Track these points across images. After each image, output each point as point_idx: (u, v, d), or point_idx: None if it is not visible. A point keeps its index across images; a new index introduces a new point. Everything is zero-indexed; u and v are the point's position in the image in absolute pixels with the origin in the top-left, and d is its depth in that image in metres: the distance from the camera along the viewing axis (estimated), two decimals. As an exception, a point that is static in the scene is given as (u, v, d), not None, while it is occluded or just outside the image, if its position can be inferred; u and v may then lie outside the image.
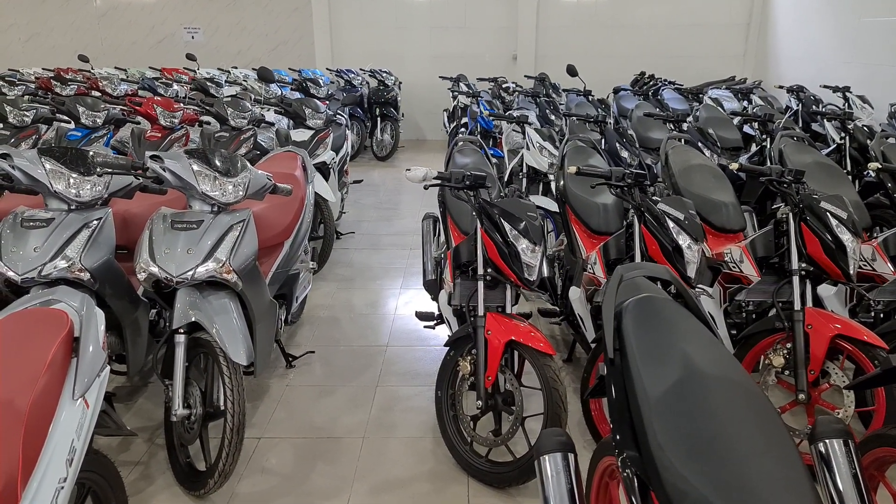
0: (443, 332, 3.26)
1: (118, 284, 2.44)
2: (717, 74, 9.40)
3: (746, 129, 5.52)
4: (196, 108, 4.57)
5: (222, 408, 2.27)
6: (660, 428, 1.20)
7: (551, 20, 9.71)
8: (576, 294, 2.86)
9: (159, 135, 4.38)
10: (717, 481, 1.09)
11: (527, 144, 4.22)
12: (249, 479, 2.42)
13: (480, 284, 2.41)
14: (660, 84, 8.19)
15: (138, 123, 4.74)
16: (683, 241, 2.36)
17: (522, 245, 2.36)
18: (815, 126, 5.49)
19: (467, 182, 2.40)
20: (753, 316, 2.77)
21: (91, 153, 2.38)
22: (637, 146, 4.26)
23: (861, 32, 7.24)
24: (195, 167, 2.34)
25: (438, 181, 2.40)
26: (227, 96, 6.04)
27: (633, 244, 2.48)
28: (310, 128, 4.54)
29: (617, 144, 4.17)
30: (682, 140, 3.91)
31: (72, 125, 4.57)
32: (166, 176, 2.32)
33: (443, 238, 3.35)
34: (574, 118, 4.23)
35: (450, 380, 2.52)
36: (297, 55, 10.07)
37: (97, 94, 6.53)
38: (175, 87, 6.63)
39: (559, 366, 2.27)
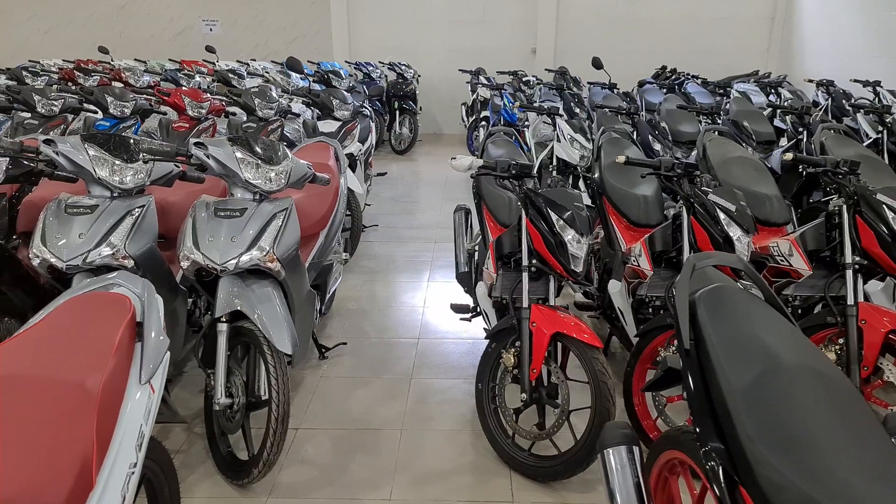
0: (478, 325, 3.23)
1: (160, 272, 2.43)
2: (740, 69, 9.27)
3: (777, 122, 5.43)
4: (223, 98, 4.55)
5: (265, 397, 2.25)
6: (749, 420, 1.16)
7: (571, 13, 9.62)
8: (616, 287, 2.81)
9: (187, 125, 4.37)
10: (812, 474, 1.05)
11: (557, 136, 4.17)
12: (290, 469, 2.40)
13: (525, 276, 2.37)
14: (683, 78, 8.10)
15: (164, 114, 4.73)
16: (734, 232, 2.31)
17: (569, 235, 2.32)
18: (846, 121, 5.40)
19: (513, 171, 2.36)
20: (800, 311, 2.71)
21: (132, 140, 2.36)
22: (670, 139, 4.20)
23: (889, 26, 7.12)
24: (239, 154, 2.32)
25: (485, 170, 2.37)
26: (251, 87, 6.02)
27: (681, 236, 2.44)
28: (337, 119, 4.51)
29: (650, 137, 4.11)
30: (717, 132, 3.84)
31: (99, 115, 4.56)
32: (210, 163, 2.29)
33: (476, 230, 3.32)
34: (606, 110, 4.18)
35: (491, 372, 2.49)
36: (315, 48, 10.04)
37: (120, 85, 6.53)
38: (197, 78, 6.63)
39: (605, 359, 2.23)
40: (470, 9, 9.71)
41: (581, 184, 4.33)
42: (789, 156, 2.46)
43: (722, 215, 2.32)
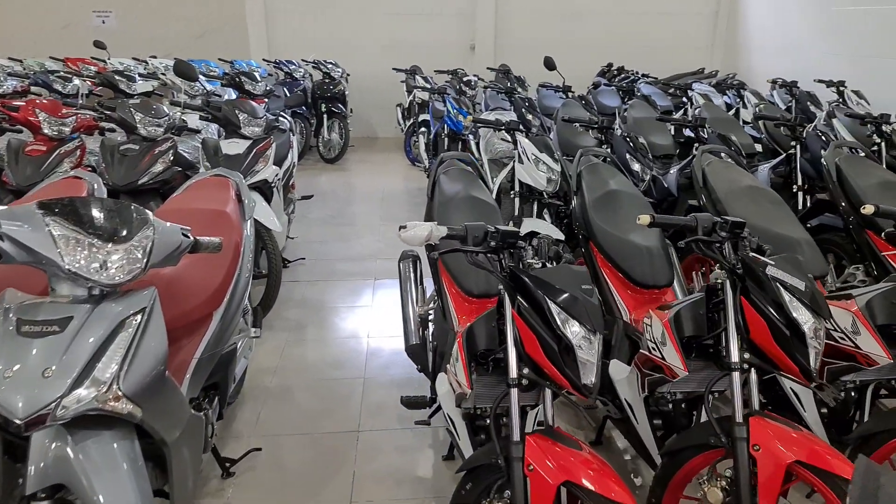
0: (439, 421, 2.46)
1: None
2: (684, 65, 8.92)
3: (748, 129, 4.94)
4: (93, 112, 3.56)
5: None
6: None
7: (511, 7, 8.96)
8: (621, 372, 2.11)
9: (44, 148, 3.37)
10: None
11: (519, 156, 3.45)
12: None
13: (514, 393, 1.62)
14: (633, 76, 7.60)
15: (20, 132, 3.69)
16: (803, 318, 1.64)
17: (575, 331, 1.58)
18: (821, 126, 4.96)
19: (492, 243, 1.60)
20: (853, 393, 2.10)
21: None
22: (650, 156, 3.56)
23: (842, 21, 6.83)
24: (56, 231, 1.44)
25: (450, 241, 1.59)
26: (141, 93, 4.99)
27: (725, 319, 1.74)
28: (246, 137, 3.61)
29: (628, 155, 3.45)
30: (712, 153, 3.22)
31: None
32: (4, 247, 1.41)
33: (429, 290, 2.55)
34: (577, 125, 3.48)
35: (466, 525, 1.73)
36: (228, 44, 8.91)
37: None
38: (76, 81, 5.50)
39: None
40: (404, 0, 8.88)
41: (546, 214, 3.62)
42: (870, 209, 1.82)
43: (786, 296, 1.64)
